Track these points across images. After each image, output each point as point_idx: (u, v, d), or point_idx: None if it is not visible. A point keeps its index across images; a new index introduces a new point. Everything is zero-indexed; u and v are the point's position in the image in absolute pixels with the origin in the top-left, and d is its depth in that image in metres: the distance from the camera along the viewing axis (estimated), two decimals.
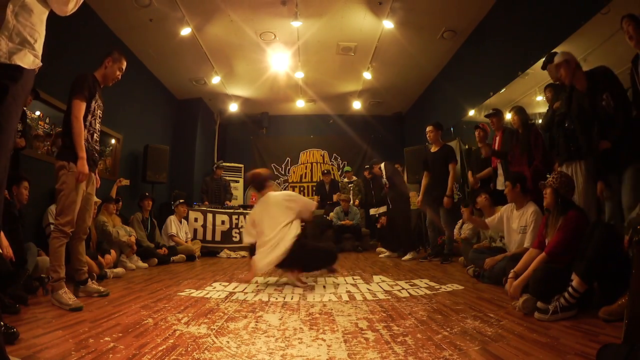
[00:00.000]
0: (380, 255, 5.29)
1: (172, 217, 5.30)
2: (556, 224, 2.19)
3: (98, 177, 2.57)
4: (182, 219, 5.45)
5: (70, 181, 2.23)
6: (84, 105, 2.29)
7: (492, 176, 3.99)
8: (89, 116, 2.36)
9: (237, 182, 8.18)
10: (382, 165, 5.26)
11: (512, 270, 2.26)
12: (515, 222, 2.91)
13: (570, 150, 2.68)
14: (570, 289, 1.76)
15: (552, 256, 2.08)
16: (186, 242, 5.30)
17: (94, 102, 2.39)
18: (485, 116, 4.07)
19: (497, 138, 3.84)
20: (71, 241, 2.38)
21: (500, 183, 3.69)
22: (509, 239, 3.02)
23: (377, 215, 6.27)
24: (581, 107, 2.47)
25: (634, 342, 1.16)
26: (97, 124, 2.48)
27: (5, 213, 2.38)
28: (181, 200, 5.46)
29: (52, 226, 2.31)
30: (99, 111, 2.48)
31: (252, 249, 3.06)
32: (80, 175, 2.23)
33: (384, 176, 5.20)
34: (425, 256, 4.66)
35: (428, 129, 4.62)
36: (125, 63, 2.55)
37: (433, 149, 4.62)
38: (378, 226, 6.18)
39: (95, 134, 2.45)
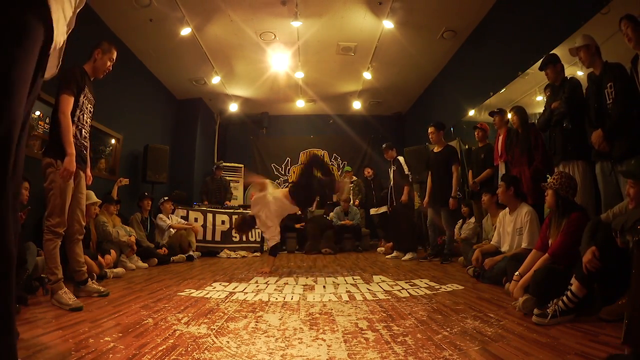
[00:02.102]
0: (387, 256, 5.15)
1: (161, 215, 5.25)
2: (559, 225, 2.18)
3: (90, 175, 2.51)
4: (170, 215, 5.39)
5: (59, 180, 2.17)
6: (71, 101, 2.21)
7: (495, 176, 3.99)
8: (77, 111, 2.28)
9: (237, 182, 8.18)
10: (402, 159, 5.09)
11: (517, 273, 2.25)
12: (510, 225, 2.91)
13: (567, 150, 2.69)
14: (569, 293, 1.76)
15: (556, 258, 2.08)
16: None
17: (82, 96, 2.30)
18: (490, 114, 4.08)
19: (500, 137, 3.84)
20: (67, 243, 2.35)
21: None
22: (502, 241, 3.04)
23: (387, 212, 6.20)
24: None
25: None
26: (87, 119, 2.40)
27: None
28: (166, 198, 5.41)
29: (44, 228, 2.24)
30: (89, 105, 2.40)
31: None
32: (65, 172, 2.13)
33: (405, 166, 5.03)
34: (425, 256, 4.66)
35: (430, 129, 4.58)
36: (115, 53, 2.45)
37: (436, 149, 4.60)
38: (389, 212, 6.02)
39: (83, 130, 2.37)
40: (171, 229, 5.11)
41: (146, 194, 5.09)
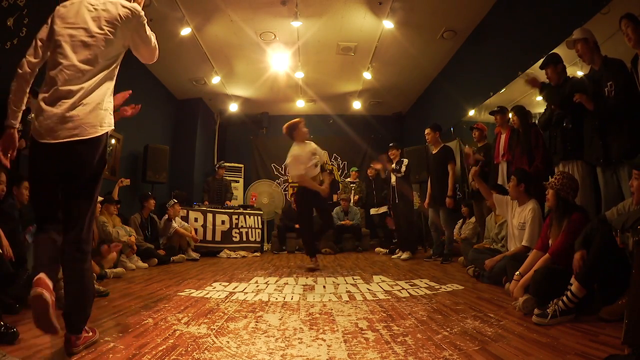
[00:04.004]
0: (400, 257, 4.92)
1: (168, 217, 5.24)
2: (560, 225, 2.18)
3: None
4: (176, 218, 5.39)
5: None
6: None
7: (494, 176, 3.97)
8: None
9: (237, 182, 8.17)
10: (406, 162, 5.00)
11: (517, 273, 2.25)
12: (516, 218, 2.90)
13: (567, 149, 2.68)
14: (569, 293, 1.76)
15: (556, 258, 2.08)
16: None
17: None
18: (490, 113, 4.07)
19: (504, 136, 3.81)
20: None
21: (505, 183, 3.67)
22: (510, 233, 3.01)
23: (389, 213, 6.16)
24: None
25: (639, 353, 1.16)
26: None
27: (5, 213, 2.38)
28: (175, 201, 5.42)
29: None
30: None
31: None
32: None
33: (403, 171, 4.94)
34: (429, 256, 4.68)
35: (426, 131, 4.68)
36: None
37: (433, 151, 4.67)
38: (390, 226, 6.03)
39: None
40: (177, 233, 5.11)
41: (149, 193, 5.08)
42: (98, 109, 1.44)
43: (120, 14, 1.49)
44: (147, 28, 1.63)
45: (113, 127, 1.54)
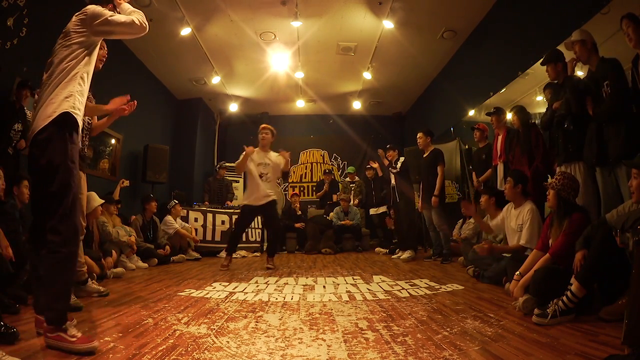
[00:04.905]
0: (400, 257, 4.87)
1: (170, 218, 5.24)
2: (560, 225, 2.18)
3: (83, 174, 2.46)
4: (177, 218, 5.39)
5: None
6: None
7: (493, 177, 3.99)
8: None
9: (237, 182, 8.17)
10: (402, 160, 5.05)
11: (517, 273, 2.25)
12: (513, 221, 2.90)
13: (568, 150, 2.68)
14: (569, 293, 1.76)
15: (556, 258, 2.08)
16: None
17: None
18: (487, 114, 4.08)
19: (500, 137, 3.82)
20: None
21: (501, 184, 3.68)
22: (509, 238, 3.02)
23: (389, 213, 6.16)
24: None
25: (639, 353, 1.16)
26: (86, 118, 2.41)
27: (5, 213, 2.38)
28: (176, 202, 5.42)
29: None
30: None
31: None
32: None
33: (398, 167, 4.97)
34: (429, 256, 4.70)
35: (419, 134, 4.75)
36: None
37: (425, 154, 4.75)
38: (389, 226, 6.05)
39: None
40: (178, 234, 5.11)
41: (151, 195, 5.08)
42: (51, 102, 1.53)
43: (71, 26, 1.62)
44: (108, 13, 1.66)
45: (67, 109, 1.55)
